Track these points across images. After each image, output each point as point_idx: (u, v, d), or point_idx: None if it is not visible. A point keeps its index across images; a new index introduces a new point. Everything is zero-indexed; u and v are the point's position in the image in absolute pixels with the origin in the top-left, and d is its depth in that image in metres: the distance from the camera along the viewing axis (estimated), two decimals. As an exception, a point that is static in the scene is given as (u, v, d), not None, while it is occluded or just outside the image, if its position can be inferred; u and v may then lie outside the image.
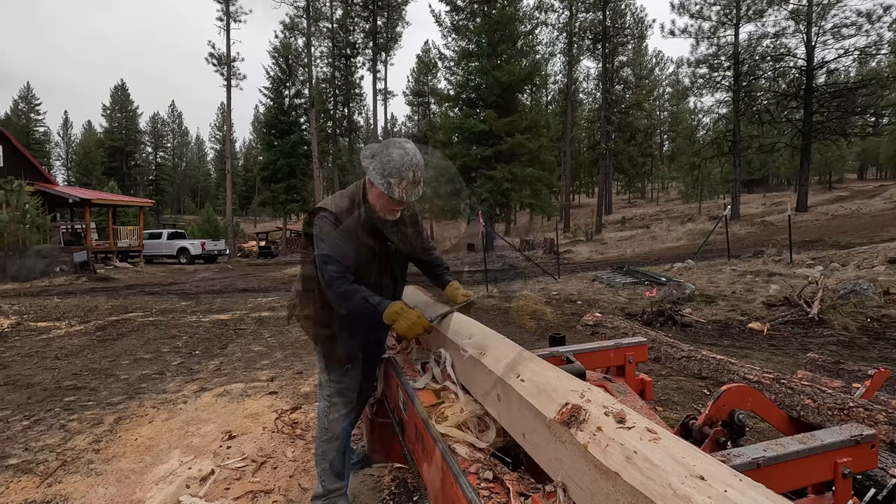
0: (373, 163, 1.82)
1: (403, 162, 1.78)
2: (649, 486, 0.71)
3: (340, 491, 2.08)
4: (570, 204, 38.10)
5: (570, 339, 2.62)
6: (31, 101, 66.40)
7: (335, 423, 2.06)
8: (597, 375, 2.22)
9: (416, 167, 1.80)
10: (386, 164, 1.78)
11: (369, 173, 1.81)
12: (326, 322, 1.99)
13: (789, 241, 11.35)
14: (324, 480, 2.07)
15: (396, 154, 1.78)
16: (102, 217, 28.95)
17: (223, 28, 28.95)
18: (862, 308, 6.26)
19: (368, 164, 1.83)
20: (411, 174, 1.78)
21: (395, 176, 1.76)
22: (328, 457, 2.06)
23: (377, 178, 1.78)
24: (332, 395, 2.07)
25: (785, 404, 1.91)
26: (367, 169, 1.83)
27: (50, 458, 2.88)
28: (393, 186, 1.77)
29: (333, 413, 2.07)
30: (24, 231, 15.59)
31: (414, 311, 1.83)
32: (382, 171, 1.78)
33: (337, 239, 1.84)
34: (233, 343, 5.91)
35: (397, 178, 1.76)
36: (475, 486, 1.05)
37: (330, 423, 2.07)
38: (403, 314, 1.78)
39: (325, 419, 2.08)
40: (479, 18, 25.76)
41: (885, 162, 54.94)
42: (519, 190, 24.95)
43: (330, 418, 2.07)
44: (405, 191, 1.79)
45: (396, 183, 1.77)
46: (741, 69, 25.85)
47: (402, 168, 1.77)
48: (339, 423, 2.06)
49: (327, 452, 2.06)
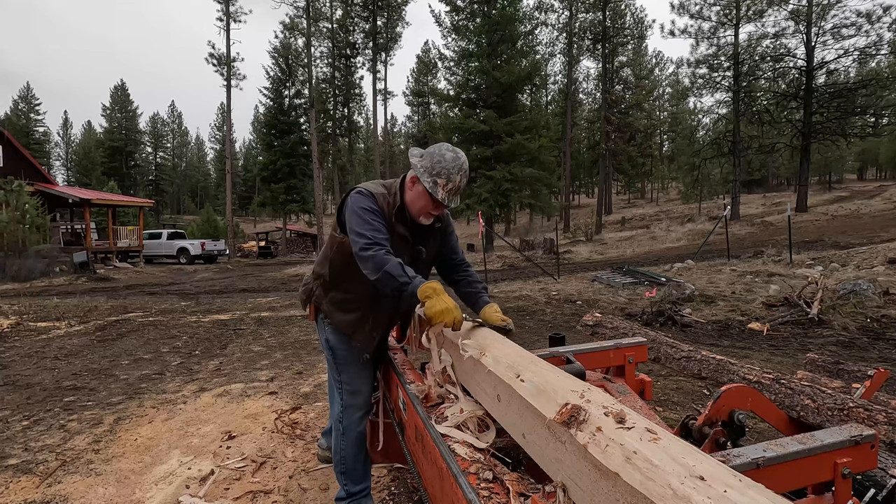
0: (422, 161, 1.80)
1: (455, 165, 1.77)
2: (649, 487, 0.71)
3: (364, 492, 2.07)
4: (570, 204, 38.10)
5: (570, 340, 2.62)
6: (31, 101, 66.39)
7: (351, 428, 2.03)
8: (597, 376, 2.22)
9: (464, 173, 1.79)
10: (437, 163, 1.76)
11: (416, 170, 1.79)
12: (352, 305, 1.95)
13: (789, 241, 11.35)
14: (346, 484, 2.05)
15: (450, 156, 1.77)
16: (102, 217, 28.94)
17: (223, 28, 28.96)
18: (862, 308, 6.26)
19: (417, 162, 1.81)
20: (458, 178, 1.77)
21: (443, 176, 1.75)
22: (348, 461, 2.04)
23: (424, 175, 1.76)
24: (344, 399, 2.04)
25: (785, 404, 1.91)
26: (416, 166, 1.80)
27: (49, 459, 2.88)
28: (438, 186, 1.75)
29: (348, 417, 2.04)
30: (23, 231, 15.59)
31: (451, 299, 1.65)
32: (432, 169, 1.76)
33: (374, 215, 1.79)
34: (232, 343, 5.92)
35: (445, 179, 1.75)
36: (475, 486, 1.05)
37: (346, 428, 2.04)
38: (440, 294, 1.61)
39: (341, 425, 2.04)
40: (479, 18, 25.75)
41: (884, 162, 54.96)
42: (519, 190, 24.95)
43: (345, 424, 2.04)
44: (448, 193, 1.77)
45: (443, 184, 1.75)
46: (741, 69, 25.86)
47: (452, 170, 1.75)
48: (355, 427, 2.04)
49: (347, 457, 2.04)
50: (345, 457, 2.04)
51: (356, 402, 2.04)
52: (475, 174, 25.41)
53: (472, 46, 26.14)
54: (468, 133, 24.89)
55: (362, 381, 2.06)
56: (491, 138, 24.32)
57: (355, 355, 2.02)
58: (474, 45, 25.88)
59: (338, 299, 1.98)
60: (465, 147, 25.51)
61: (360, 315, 1.95)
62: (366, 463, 2.10)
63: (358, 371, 2.04)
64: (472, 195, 24.08)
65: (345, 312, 1.96)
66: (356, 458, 2.05)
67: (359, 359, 2.03)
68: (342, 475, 2.06)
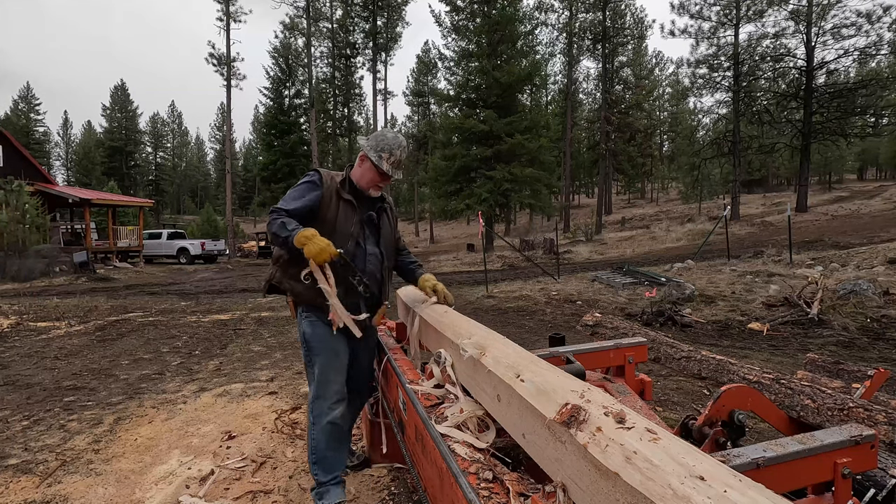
0: (369, 142, 2.18)
1: (395, 142, 2.16)
2: (649, 487, 0.71)
3: (333, 481, 2.10)
4: (570, 204, 38.09)
5: (570, 340, 2.62)
6: (31, 101, 66.36)
7: (321, 416, 2.09)
8: (597, 376, 2.22)
9: (402, 149, 2.18)
10: (381, 141, 2.16)
11: (364, 149, 2.16)
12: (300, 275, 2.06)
13: (789, 241, 11.35)
14: (316, 474, 2.10)
15: (391, 135, 2.19)
16: (102, 217, 28.93)
17: (223, 28, 28.97)
18: (861, 308, 6.26)
19: (365, 143, 2.19)
20: (398, 152, 2.16)
21: (386, 151, 2.13)
22: (318, 451, 2.09)
23: (371, 152, 2.13)
24: (315, 388, 2.12)
25: (784, 404, 1.91)
26: (363, 146, 2.17)
27: (49, 459, 2.88)
28: (383, 160, 2.13)
29: (318, 407, 2.11)
30: (23, 231, 15.59)
31: (324, 239, 1.94)
32: (377, 146, 2.14)
33: (297, 190, 2.12)
34: (232, 343, 5.92)
35: (388, 153, 2.13)
36: (475, 486, 1.05)
37: (315, 417, 2.10)
38: (314, 238, 1.91)
39: (312, 414, 2.12)
40: (479, 18, 25.76)
41: (884, 162, 54.96)
42: (519, 190, 24.95)
43: (315, 413, 2.11)
44: (392, 166, 2.14)
45: (386, 157, 2.13)
46: (741, 69, 25.85)
47: (393, 146, 2.15)
48: (325, 416, 2.09)
49: (317, 447, 2.09)
50: (315, 446, 2.09)
51: (326, 391, 2.10)
52: (475, 174, 25.43)
53: (472, 46, 26.15)
54: (468, 133, 24.90)
55: (334, 371, 2.12)
56: (491, 138, 24.32)
57: (328, 342, 2.11)
58: (474, 45, 25.89)
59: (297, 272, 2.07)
60: (465, 147, 25.55)
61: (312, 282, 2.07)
62: (339, 453, 2.14)
63: (329, 360, 2.11)
64: (472, 195, 24.10)
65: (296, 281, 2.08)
66: (328, 447, 2.09)
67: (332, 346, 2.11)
68: (313, 465, 2.11)
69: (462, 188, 25.48)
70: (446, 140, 27.64)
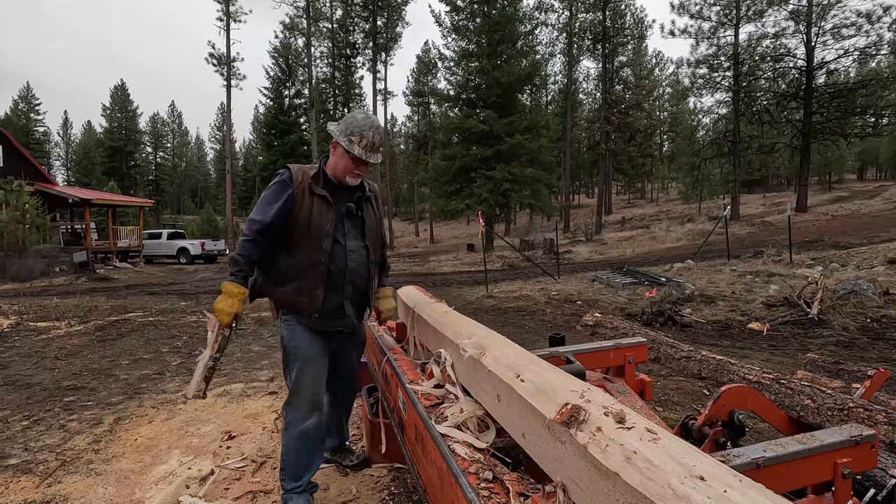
0: (338, 127, 2.01)
1: (366, 123, 1.99)
2: (649, 487, 0.71)
3: (298, 489, 2.07)
4: (570, 204, 38.09)
5: (570, 340, 2.62)
6: (31, 101, 66.36)
7: (293, 424, 2.06)
8: (597, 376, 2.22)
9: (375, 129, 2.00)
10: (350, 124, 1.99)
11: (335, 135, 2.00)
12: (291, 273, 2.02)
13: (789, 241, 11.35)
14: (283, 480, 2.09)
15: (360, 117, 2.01)
16: (102, 217, 28.93)
17: (223, 28, 28.96)
18: (861, 308, 6.26)
19: (335, 128, 2.02)
20: (371, 133, 1.98)
21: (356, 134, 1.97)
22: (288, 457, 2.07)
23: (341, 137, 1.97)
24: (289, 395, 2.09)
25: (785, 405, 1.91)
26: (333, 132, 2.01)
27: (49, 459, 2.88)
28: (354, 144, 1.96)
29: (290, 413, 2.08)
30: (23, 231, 15.59)
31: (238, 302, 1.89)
32: (346, 130, 1.98)
33: (269, 193, 2.02)
34: (232, 343, 5.91)
35: (358, 136, 1.96)
36: (475, 486, 1.05)
37: (287, 424, 2.08)
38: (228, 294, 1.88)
39: (285, 418, 2.10)
40: (479, 18, 25.75)
41: (884, 162, 54.95)
42: (519, 190, 24.95)
43: (287, 419, 2.08)
44: (365, 149, 1.97)
45: (357, 140, 1.96)
46: (741, 69, 25.85)
47: (364, 128, 1.97)
48: (296, 424, 2.05)
49: (287, 453, 2.07)
50: (285, 452, 2.08)
51: (300, 399, 2.06)
52: (475, 174, 25.42)
53: (472, 46, 26.15)
54: (468, 133, 24.89)
55: (309, 378, 2.07)
56: (491, 138, 24.31)
57: (306, 348, 2.06)
58: (474, 45, 25.88)
59: (277, 276, 2.06)
60: (465, 147, 25.54)
61: (298, 283, 2.02)
62: (308, 462, 2.10)
63: (305, 368, 2.06)
64: (472, 195, 24.09)
65: (285, 284, 2.04)
66: (297, 456, 2.06)
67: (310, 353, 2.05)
68: (282, 471, 2.10)
69: (462, 188, 25.48)
70: (446, 140, 27.64)
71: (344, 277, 2.06)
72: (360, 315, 2.20)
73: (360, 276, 2.12)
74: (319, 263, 1.99)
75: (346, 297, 2.09)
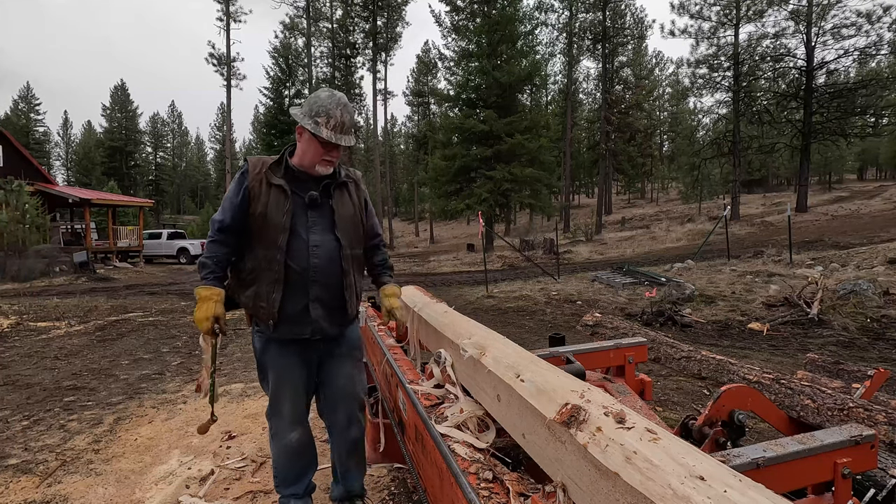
0: (301, 109, 1.80)
1: (332, 101, 1.77)
2: (649, 487, 0.71)
3: (291, 496, 2.05)
4: (570, 204, 38.09)
5: (570, 340, 2.62)
6: (31, 101, 66.36)
7: (277, 436, 1.99)
8: (597, 376, 2.22)
9: (343, 107, 1.78)
10: (314, 104, 1.77)
11: (297, 118, 1.79)
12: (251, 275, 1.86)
13: (789, 241, 11.35)
14: (277, 486, 2.08)
15: (325, 95, 1.79)
16: (102, 217, 28.90)
17: (223, 28, 29.00)
18: (862, 308, 6.26)
19: (298, 111, 1.81)
20: (339, 112, 1.77)
21: (322, 114, 1.75)
22: (277, 466, 2.05)
23: (306, 119, 1.76)
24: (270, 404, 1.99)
25: (785, 404, 1.91)
26: (296, 115, 1.81)
27: (49, 459, 2.88)
28: (321, 125, 1.75)
29: (273, 426, 1.99)
30: (23, 231, 15.59)
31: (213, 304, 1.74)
32: (310, 111, 1.76)
33: (231, 188, 1.86)
34: (232, 343, 5.91)
35: (325, 117, 1.75)
36: (475, 486, 1.05)
37: (272, 435, 2.02)
38: (202, 300, 1.75)
39: (269, 427, 2.03)
40: (479, 18, 25.77)
41: (884, 162, 54.94)
42: (519, 190, 24.95)
43: (271, 431, 2.01)
44: (333, 131, 1.76)
45: (324, 122, 1.75)
46: (741, 69, 25.85)
47: (329, 106, 1.76)
48: (280, 437, 1.97)
49: (275, 460, 2.05)
50: (275, 460, 2.05)
51: (279, 411, 1.96)
52: (475, 174, 25.41)
53: (472, 46, 26.14)
54: (468, 133, 24.89)
55: (282, 390, 1.93)
56: (491, 138, 24.32)
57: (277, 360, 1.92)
58: (474, 45, 25.88)
59: (240, 279, 1.91)
60: (465, 147, 25.54)
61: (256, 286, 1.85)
62: (299, 470, 2.04)
63: (279, 380, 1.93)
64: (472, 195, 24.09)
65: (246, 288, 1.87)
66: (285, 466, 2.02)
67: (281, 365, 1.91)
68: (274, 477, 2.08)
69: (462, 188, 25.49)
70: (446, 140, 27.63)
71: (306, 276, 1.83)
72: (337, 319, 1.94)
73: (328, 274, 1.86)
74: (275, 262, 1.79)
75: (311, 299, 1.85)
